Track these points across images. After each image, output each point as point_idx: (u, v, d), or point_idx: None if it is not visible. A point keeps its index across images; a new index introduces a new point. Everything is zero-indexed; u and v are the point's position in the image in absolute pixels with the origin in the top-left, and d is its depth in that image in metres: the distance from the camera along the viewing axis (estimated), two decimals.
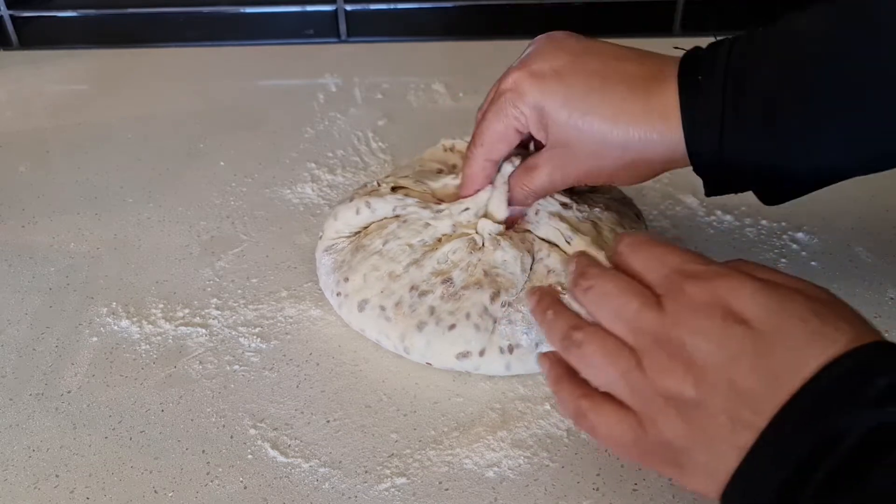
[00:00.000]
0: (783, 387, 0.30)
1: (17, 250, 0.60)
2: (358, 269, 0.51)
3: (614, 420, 0.35)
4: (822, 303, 0.32)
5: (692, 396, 0.32)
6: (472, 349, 0.48)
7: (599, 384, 0.35)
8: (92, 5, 0.86)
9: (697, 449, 0.32)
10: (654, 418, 0.33)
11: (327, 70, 0.82)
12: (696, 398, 0.32)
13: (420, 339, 0.48)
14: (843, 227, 0.55)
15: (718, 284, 0.33)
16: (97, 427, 0.47)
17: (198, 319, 0.53)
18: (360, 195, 0.54)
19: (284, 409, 0.47)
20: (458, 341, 0.48)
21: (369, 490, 0.43)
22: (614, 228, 0.52)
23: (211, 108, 0.77)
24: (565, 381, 0.37)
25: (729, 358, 0.31)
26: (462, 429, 0.46)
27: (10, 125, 0.76)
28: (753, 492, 0.31)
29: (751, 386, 0.31)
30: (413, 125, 0.73)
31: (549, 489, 0.42)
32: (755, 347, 0.31)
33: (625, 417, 0.34)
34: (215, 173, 0.68)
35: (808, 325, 0.31)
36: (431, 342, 0.48)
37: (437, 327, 0.48)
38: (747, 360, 0.31)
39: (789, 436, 0.30)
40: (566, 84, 0.46)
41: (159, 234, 0.61)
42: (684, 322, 0.33)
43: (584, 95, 0.45)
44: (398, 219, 0.52)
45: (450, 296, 0.49)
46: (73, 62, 0.86)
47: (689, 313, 0.33)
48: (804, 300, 0.32)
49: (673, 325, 0.33)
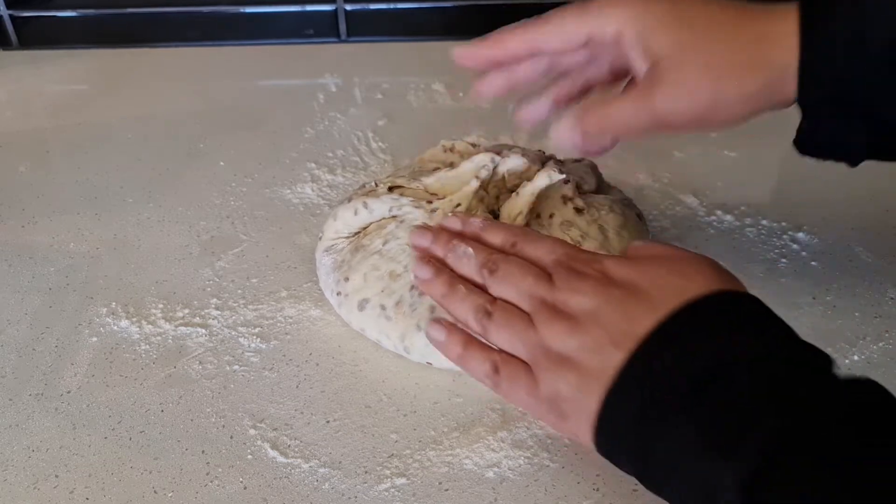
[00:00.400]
0: (642, 325, 0.36)
1: (17, 250, 0.60)
2: (358, 268, 0.51)
3: (516, 373, 0.41)
4: (686, 262, 0.39)
5: (572, 346, 0.38)
6: None
7: (503, 345, 0.41)
8: (92, 5, 0.86)
9: (576, 396, 0.38)
10: (545, 370, 0.39)
11: (327, 70, 0.82)
12: (576, 346, 0.38)
13: (420, 339, 0.48)
14: (843, 227, 0.55)
15: (596, 259, 0.41)
16: (97, 427, 0.47)
17: (198, 319, 0.53)
18: (358, 196, 0.54)
19: (284, 409, 0.47)
20: None
21: (369, 490, 0.43)
22: (619, 232, 0.52)
23: (211, 108, 0.77)
24: (474, 345, 0.43)
25: (599, 305, 0.38)
26: (462, 429, 0.46)
27: (10, 125, 0.77)
28: (617, 419, 0.36)
29: (616, 327, 0.37)
30: (413, 125, 0.73)
31: (549, 489, 0.42)
32: (621, 298, 0.38)
33: (524, 372, 0.40)
34: (215, 173, 0.68)
35: (667, 280, 0.38)
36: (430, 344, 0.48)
37: None
38: (613, 306, 0.38)
39: (643, 364, 0.36)
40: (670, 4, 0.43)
41: (159, 234, 0.61)
42: (567, 287, 0.40)
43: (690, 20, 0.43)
44: (396, 219, 0.52)
45: None
46: (73, 62, 0.86)
47: (572, 280, 0.40)
48: (667, 263, 0.39)
49: (558, 290, 0.40)
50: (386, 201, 0.53)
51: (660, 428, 0.35)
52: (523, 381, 0.40)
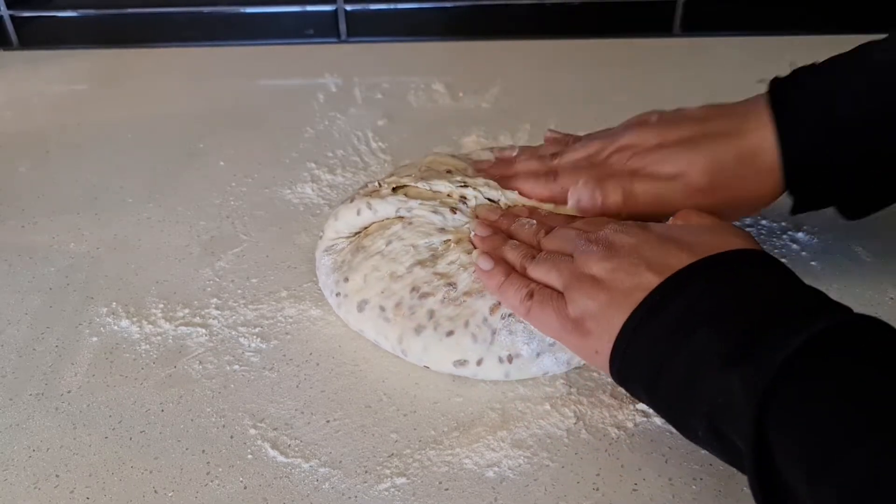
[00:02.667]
0: (679, 260, 0.41)
1: (17, 250, 0.60)
2: (358, 269, 0.51)
3: (548, 297, 0.45)
4: (727, 229, 0.44)
5: (607, 268, 0.43)
6: (469, 358, 0.48)
7: (541, 277, 0.46)
8: (92, 5, 0.86)
9: (604, 312, 0.42)
10: (577, 290, 0.43)
11: (327, 70, 0.82)
12: (611, 267, 0.42)
13: (417, 343, 0.48)
14: (843, 227, 0.55)
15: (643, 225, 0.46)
16: (97, 427, 0.47)
17: (198, 319, 0.53)
18: (361, 196, 0.54)
19: (284, 409, 0.47)
20: (455, 349, 0.48)
21: (369, 490, 0.43)
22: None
23: (211, 108, 0.77)
24: (515, 275, 0.47)
25: (640, 243, 0.43)
26: (462, 429, 0.46)
27: (10, 125, 0.77)
28: (640, 336, 0.40)
29: (653, 258, 0.42)
30: (413, 125, 0.73)
31: (549, 489, 0.42)
32: (662, 240, 0.43)
33: (556, 296, 0.45)
34: (215, 173, 0.68)
35: (706, 238, 0.42)
36: (428, 347, 0.48)
37: (434, 332, 0.48)
38: (652, 244, 0.43)
39: (676, 286, 0.40)
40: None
41: (159, 234, 0.61)
42: (612, 229, 0.45)
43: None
44: (402, 220, 0.52)
45: (451, 300, 0.48)
46: (73, 62, 0.86)
47: (615, 226, 0.46)
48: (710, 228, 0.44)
49: (603, 233, 0.45)
50: (392, 202, 0.52)
51: (682, 341, 0.38)
52: (554, 304, 0.44)
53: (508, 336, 0.47)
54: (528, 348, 0.47)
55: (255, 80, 0.82)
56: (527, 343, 0.47)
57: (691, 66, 0.81)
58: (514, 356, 0.47)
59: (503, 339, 0.47)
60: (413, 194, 0.53)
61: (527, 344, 0.47)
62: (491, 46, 0.84)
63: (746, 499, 0.41)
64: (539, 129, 0.71)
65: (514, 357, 0.47)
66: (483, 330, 0.48)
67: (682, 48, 0.84)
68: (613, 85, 0.78)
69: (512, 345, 0.47)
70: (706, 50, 0.83)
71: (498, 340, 0.47)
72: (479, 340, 0.47)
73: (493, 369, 0.48)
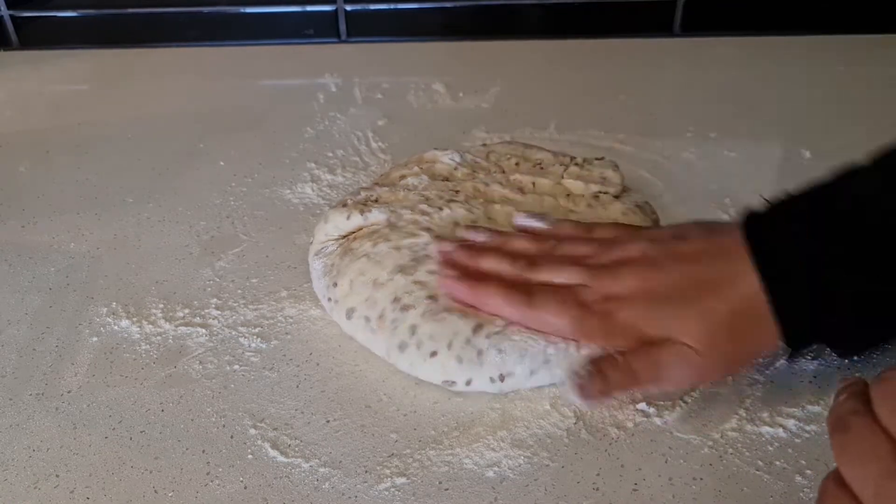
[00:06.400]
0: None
1: (17, 250, 0.60)
2: (346, 273, 0.51)
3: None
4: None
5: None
6: (457, 379, 0.46)
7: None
8: (92, 5, 0.86)
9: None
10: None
11: (327, 70, 0.82)
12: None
13: (402, 361, 0.48)
14: None
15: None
16: (97, 427, 0.47)
17: (198, 319, 0.53)
18: (355, 204, 0.54)
19: (284, 409, 0.47)
20: (441, 370, 0.47)
21: (369, 490, 0.43)
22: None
23: (211, 108, 0.77)
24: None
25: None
26: (462, 428, 0.46)
27: (10, 125, 0.77)
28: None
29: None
30: (413, 125, 0.73)
31: (549, 489, 0.42)
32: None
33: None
34: (215, 173, 0.68)
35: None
36: (414, 365, 0.47)
37: (418, 351, 0.47)
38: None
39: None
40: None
41: (159, 234, 0.61)
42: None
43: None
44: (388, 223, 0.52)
45: (431, 314, 0.47)
46: (73, 62, 0.86)
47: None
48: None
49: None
50: (384, 211, 0.53)
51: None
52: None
53: (498, 355, 0.46)
54: (522, 367, 0.46)
55: (255, 80, 0.82)
56: (519, 363, 0.46)
57: (691, 66, 0.81)
58: (506, 375, 0.46)
59: (493, 358, 0.46)
60: (397, 202, 0.54)
61: (519, 364, 0.46)
62: (491, 46, 0.84)
63: (747, 499, 0.41)
64: (539, 129, 0.71)
65: (506, 376, 0.46)
66: (468, 350, 0.46)
67: (682, 48, 0.84)
68: (613, 85, 0.78)
69: (503, 364, 0.46)
70: (706, 50, 0.83)
71: (487, 360, 0.46)
72: (465, 361, 0.46)
73: (485, 388, 0.47)
